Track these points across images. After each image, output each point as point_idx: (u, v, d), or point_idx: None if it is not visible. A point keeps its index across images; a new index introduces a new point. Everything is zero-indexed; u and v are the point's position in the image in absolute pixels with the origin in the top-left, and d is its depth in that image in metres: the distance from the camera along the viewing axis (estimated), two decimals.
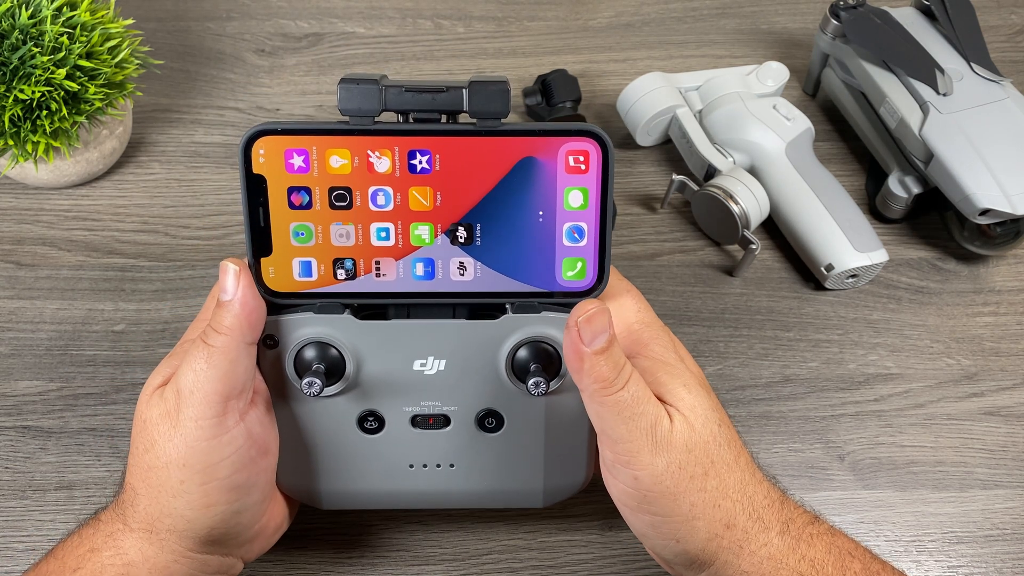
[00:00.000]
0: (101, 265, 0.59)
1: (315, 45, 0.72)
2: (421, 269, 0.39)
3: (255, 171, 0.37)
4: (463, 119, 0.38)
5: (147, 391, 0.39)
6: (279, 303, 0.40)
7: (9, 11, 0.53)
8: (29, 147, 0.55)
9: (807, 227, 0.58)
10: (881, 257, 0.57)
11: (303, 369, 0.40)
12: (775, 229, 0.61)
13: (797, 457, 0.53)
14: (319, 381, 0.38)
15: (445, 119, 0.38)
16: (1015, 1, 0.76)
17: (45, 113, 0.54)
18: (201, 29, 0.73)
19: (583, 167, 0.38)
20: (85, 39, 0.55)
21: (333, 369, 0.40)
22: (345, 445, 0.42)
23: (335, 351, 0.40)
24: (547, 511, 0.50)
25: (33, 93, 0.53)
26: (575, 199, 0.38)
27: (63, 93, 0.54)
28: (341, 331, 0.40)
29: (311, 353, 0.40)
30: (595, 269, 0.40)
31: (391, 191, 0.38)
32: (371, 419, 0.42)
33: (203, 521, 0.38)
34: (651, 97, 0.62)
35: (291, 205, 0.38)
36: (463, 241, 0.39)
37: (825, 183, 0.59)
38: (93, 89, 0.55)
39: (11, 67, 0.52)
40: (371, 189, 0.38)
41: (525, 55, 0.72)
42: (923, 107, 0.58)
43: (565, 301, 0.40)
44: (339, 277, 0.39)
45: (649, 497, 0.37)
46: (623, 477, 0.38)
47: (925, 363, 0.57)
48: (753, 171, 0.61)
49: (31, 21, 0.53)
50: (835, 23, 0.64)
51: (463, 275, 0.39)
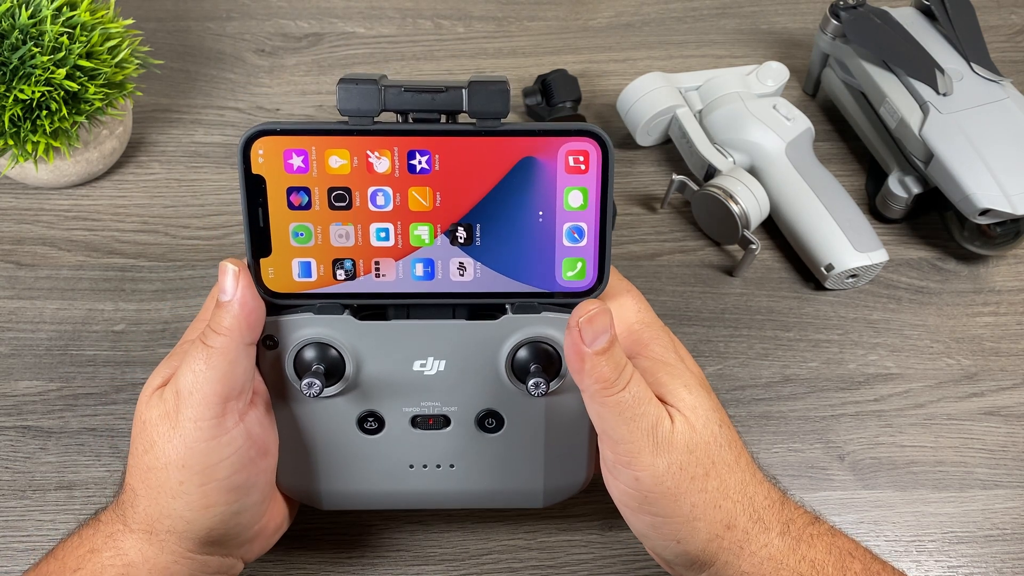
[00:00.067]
0: (101, 265, 0.59)
1: (315, 45, 0.72)
2: (421, 269, 0.39)
3: (254, 171, 0.37)
4: (463, 119, 0.38)
5: (146, 392, 0.39)
6: (278, 304, 0.39)
7: (9, 11, 0.53)
8: (29, 147, 0.55)
9: (807, 227, 0.58)
10: (881, 257, 0.57)
11: (303, 370, 0.40)
12: (775, 229, 0.61)
13: (797, 457, 0.53)
14: (319, 382, 0.38)
15: (445, 119, 0.38)
16: (1015, 1, 0.76)
17: (45, 113, 0.54)
18: (201, 29, 0.73)
19: (583, 167, 0.38)
20: (85, 39, 0.55)
21: (333, 370, 0.40)
22: (345, 446, 0.42)
23: (335, 352, 0.40)
24: (547, 511, 0.50)
25: (33, 93, 0.53)
26: (575, 199, 0.38)
27: (63, 93, 0.54)
28: (341, 332, 0.40)
29: (311, 354, 0.40)
30: (595, 269, 0.40)
31: (391, 191, 0.38)
32: (371, 420, 0.42)
33: (203, 522, 0.38)
34: (651, 97, 0.62)
35: (290, 205, 0.38)
36: (463, 241, 0.39)
37: (825, 183, 0.59)
38: (93, 89, 0.55)
39: (11, 67, 0.52)
40: (370, 189, 0.38)
41: (525, 55, 0.72)
42: (923, 107, 0.58)
43: (565, 301, 0.40)
44: (339, 277, 0.39)
45: (650, 498, 0.37)
46: (624, 478, 0.38)
47: (925, 363, 0.57)
48: (753, 171, 0.61)
49: (31, 21, 0.53)
50: (835, 23, 0.64)
51: (463, 275, 0.39)
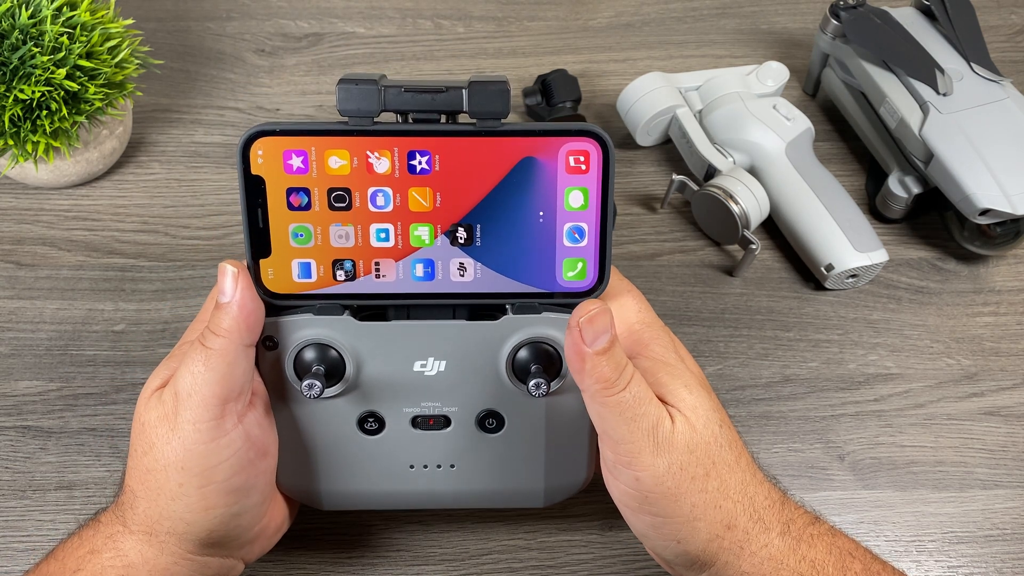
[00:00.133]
0: (101, 265, 0.59)
1: (315, 45, 0.72)
2: (421, 270, 0.39)
3: (254, 172, 0.37)
4: (463, 119, 0.38)
5: (145, 393, 0.39)
6: (278, 305, 0.39)
7: (9, 11, 0.53)
8: (29, 147, 0.55)
9: (807, 227, 0.58)
10: (881, 257, 0.57)
11: (303, 371, 0.40)
12: (775, 229, 0.61)
13: (797, 457, 0.53)
14: (319, 383, 0.38)
15: (445, 119, 0.38)
16: (1015, 1, 0.76)
17: (45, 113, 0.54)
18: (201, 29, 0.73)
19: (583, 167, 0.38)
20: (85, 39, 0.55)
21: (333, 370, 0.40)
22: (345, 446, 0.42)
23: (335, 352, 0.40)
24: (547, 511, 0.50)
25: (33, 93, 0.53)
26: (575, 199, 0.38)
27: (63, 93, 0.54)
28: (341, 332, 0.40)
29: (311, 355, 0.40)
30: (596, 269, 0.40)
31: (390, 192, 0.38)
32: (371, 420, 0.42)
33: (202, 524, 0.38)
34: (651, 97, 0.62)
35: (290, 206, 0.38)
36: (463, 242, 0.39)
37: (825, 183, 0.59)
38: (93, 89, 0.55)
39: (11, 67, 0.52)
40: (370, 190, 0.38)
41: (525, 55, 0.72)
42: (923, 107, 0.58)
43: (566, 302, 0.40)
44: (338, 278, 0.39)
45: (650, 498, 0.37)
46: (624, 478, 0.38)
47: (925, 363, 0.57)
48: (753, 171, 0.61)
49: (31, 21, 0.53)
50: (835, 23, 0.64)
51: (463, 276, 0.39)
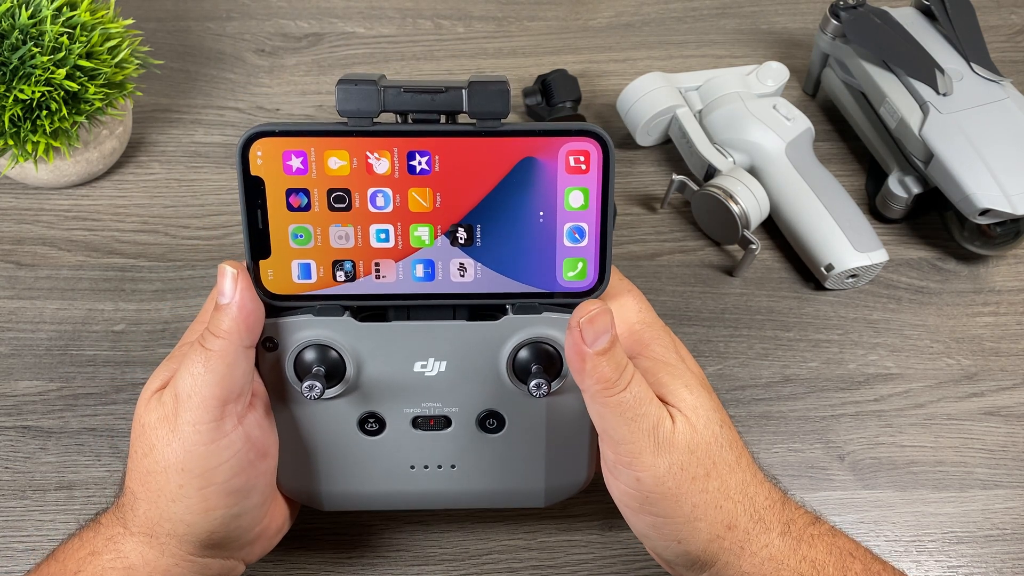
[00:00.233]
0: (101, 265, 0.59)
1: (315, 45, 0.72)
2: (421, 270, 0.39)
3: (253, 173, 0.37)
4: (463, 119, 0.38)
5: (145, 395, 0.39)
6: (278, 305, 0.39)
7: (9, 11, 0.53)
8: (29, 147, 0.55)
9: (807, 227, 0.58)
10: (881, 257, 0.57)
11: (303, 372, 0.40)
12: (775, 229, 0.61)
13: (797, 457, 0.53)
14: (319, 384, 0.38)
15: (444, 119, 0.38)
16: (1015, 1, 0.76)
17: (45, 113, 0.54)
18: (201, 29, 0.73)
19: (584, 167, 0.38)
20: (85, 39, 0.55)
21: (333, 371, 0.40)
22: (346, 447, 0.42)
23: (335, 353, 0.40)
24: (547, 511, 0.50)
25: (33, 93, 0.53)
26: (576, 199, 0.38)
27: (63, 93, 0.54)
28: (341, 333, 0.40)
29: (311, 355, 0.40)
30: (596, 269, 0.40)
31: (390, 192, 0.38)
32: (372, 421, 0.42)
33: (203, 525, 0.38)
34: (651, 97, 0.62)
35: (290, 207, 0.38)
36: (463, 242, 0.39)
37: (825, 183, 0.59)
38: (93, 89, 0.55)
39: (11, 67, 0.52)
40: (370, 190, 0.38)
41: (525, 55, 0.72)
42: (923, 107, 0.58)
43: (566, 302, 0.40)
44: (338, 279, 0.39)
45: (651, 498, 0.37)
46: (625, 478, 0.38)
47: (925, 363, 0.57)
48: (753, 171, 0.61)
49: (31, 21, 0.53)
50: (835, 23, 0.64)
51: (463, 276, 0.39)
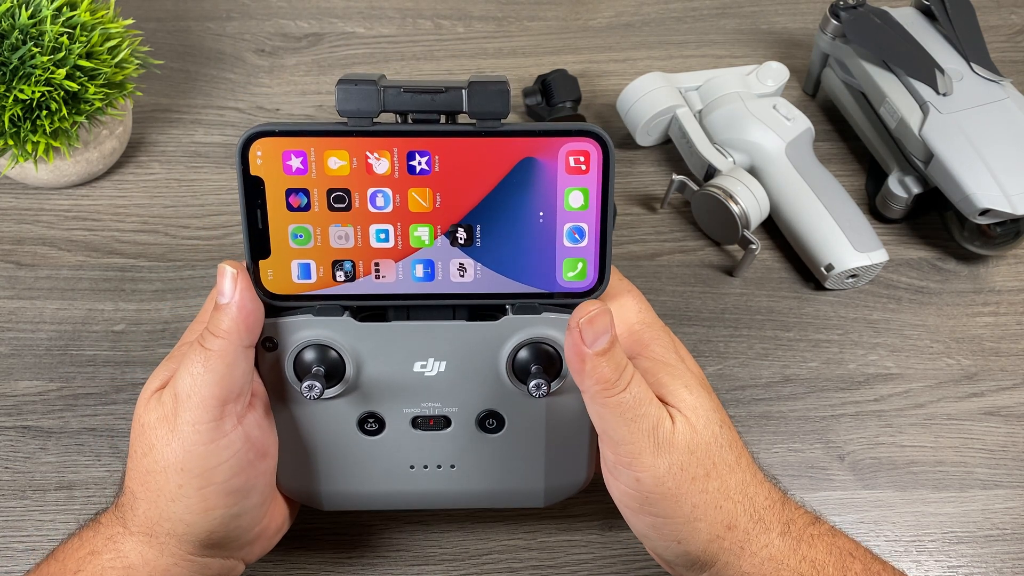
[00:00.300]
0: (101, 265, 0.59)
1: (315, 45, 0.72)
2: (421, 270, 0.39)
3: (253, 173, 0.37)
4: (462, 119, 0.38)
5: (145, 394, 0.39)
6: (278, 305, 0.39)
7: (9, 11, 0.53)
8: (29, 147, 0.55)
9: (807, 227, 0.58)
10: (881, 257, 0.57)
11: (303, 372, 0.40)
12: (775, 229, 0.61)
13: (797, 457, 0.53)
14: (319, 384, 0.38)
15: (444, 120, 0.38)
16: (1015, 1, 0.76)
17: (45, 113, 0.54)
18: (201, 29, 0.73)
19: (583, 167, 0.38)
20: (85, 39, 0.55)
21: (333, 371, 0.40)
22: (346, 447, 0.42)
23: (335, 353, 0.40)
24: (547, 511, 0.50)
25: (33, 93, 0.53)
26: (575, 199, 0.38)
27: (63, 93, 0.54)
28: (340, 333, 0.40)
29: (311, 355, 0.40)
30: (596, 270, 0.40)
31: (390, 192, 0.38)
32: (371, 421, 0.42)
33: (202, 525, 0.38)
34: (651, 97, 0.62)
35: (289, 207, 0.38)
36: (463, 242, 0.39)
37: (825, 183, 0.59)
38: (93, 89, 0.55)
39: (11, 67, 0.52)
40: (370, 191, 0.38)
41: (525, 55, 0.72)
42: (923, 107, 0.58)
43: (566, 302, 0.40)
44: (338, 279, 0.39)
45: (651, 499, 0.37)
46: (624, 478, 0.38)
47: (925, 363, 0.57)
48: (753, 171, 0.61)
49: (31, 21, 0.53)
50: (835, 23, 0.64)
51: (463, 276, 0.39)
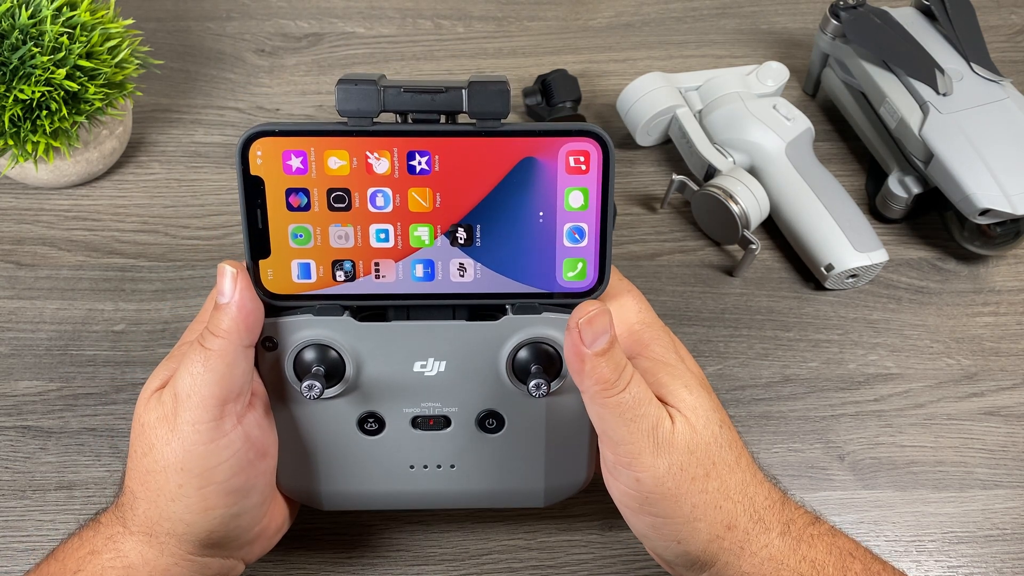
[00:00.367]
0: (101, 265, 0.59)
1: (315, 45, 0.72)
2: (421, 270, 0.39)
3: (253, 173, 0.37)
4: (462, 119, 0.38)
5: (145, 394, 0.39)
6: (278, 305, 0.39)
7: (9, 11, 0.53)
8: (29, 147, 0.55)
9: (807, 227, 0.58)
10: (881, 257, 0.57)
11: (303, 371, 0.40)
12: (775, 229, 0.61)
13: (797, 457, 0.53)
14: (319, 384, 0.38)
15: (444, 119, 0.38)
16: (1015, 1, 0.76)
17: (45, 113, 0.54)
18: (201, 29, 0.73)
19: (583, 167, 0.38)
20: (85, 39, 0.55)
21: (333, 371, 0.40)
22: (345, 447, 0.42)
23: (335, 353, 0.40)
24: (547, 511, 0.50)
25: (33, 93, 0.53)
26: (575, 199, 0.38)
27: (63, 93, 0.54)
28: (340, 333, 0.40)
29: (310, 355, 0.40)
30: (596, 270, 0.40)
31: (390, 192, 0.38)
32: (371, 420, 0.42)
33: (202, 525, 0.38)
34: (651, 97, 0.62)
35: (289, 207, 0.38)
36: (463, 242, 0.39)
37: (825, 183, 0.59)
38: (93, 89, 0.55)
39: (11, 67, 0.52)
40: (370, 190, 0.38)
41: (525, 55, 0.72)
42: (923, 107, 0.58)
43: (566, 302, 0.40)
44: (338, 279, 0.39)
45: (651, 499, 0.37)
46: (624, 478, 0.38)
47: (925, 363, 0.57)
48: (753, 171, 0.61)
49: (31, 21, 0.53)
50: (835, 23, 0.64)
51: (463, 276, 0.39)
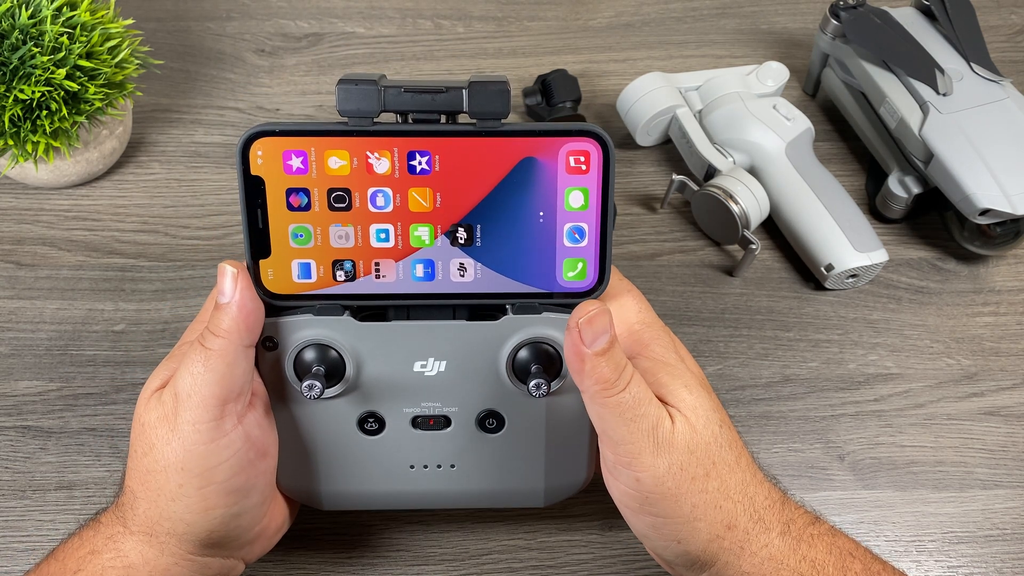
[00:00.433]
0: (101, 265, 0.59)
1: (315, 45, 0.72)
2: (421, 270, 0.39)
3: (253, 173, 0.37)
4: (463, 119, 0.38)
5: (145, 394, 0.39)
6: (278, 305, 0.39)
7: (9, 11, 0.53)
8: (29, 147, 0.55)
9: (807, 227, 0.58)
10: (881, 257, 0.57)
11: (303, 371, 0.40)
12: (775, 229, 0.61)
13: (797, 457, 0.53)
14: (319, 384, 0.38)
15: (445, 119, 0.38)
16: (1015, 1, 0.76)
17: (45, 113, 0.54)
18: (201, 29, 0.73)
19: (584, 167, 0.38)
20: (85, 39, 0.55)
21: (333, 371, 0.40)
22: (346, 446, 0.42)
23: (335, 353, 0.40)
24: (547, 511, 0.50)
25: (33, 93, 0.53)
26: (576, 199, 0.38)
27: (63, 93, 0.54)
28: (341, 333, 0.40)
29: (311, 355, 0.40)
30: (596, 270, 0.40)
31: (390, 192, 0.38)
32: (371, 420, 0.42)
33: (202, 524, 0.38)
34: (651, 97, 0.62)
35: (290, 207, 0.38)
36: (463, 242, 0.39)
37: (825, 183, 0.59)
38: (93, 89, 0.55)
39: (11, 67, 0.52)
40: (370, 190, 0.38)
41: (525, 55, 0.72)
42: (923, 107, 0.58)
43: (566, 302, 0.40)
44: (338, 279, 0.39)
45: (651, 499, 0.37)
46: (624, 478, 0.38)
47: (925, 363, 0.57)
48: (753, 171, 0.61)
49: (31, 21, 0.53)
50: (835, 23, 0.64)
51: (463, 276, 0.39)
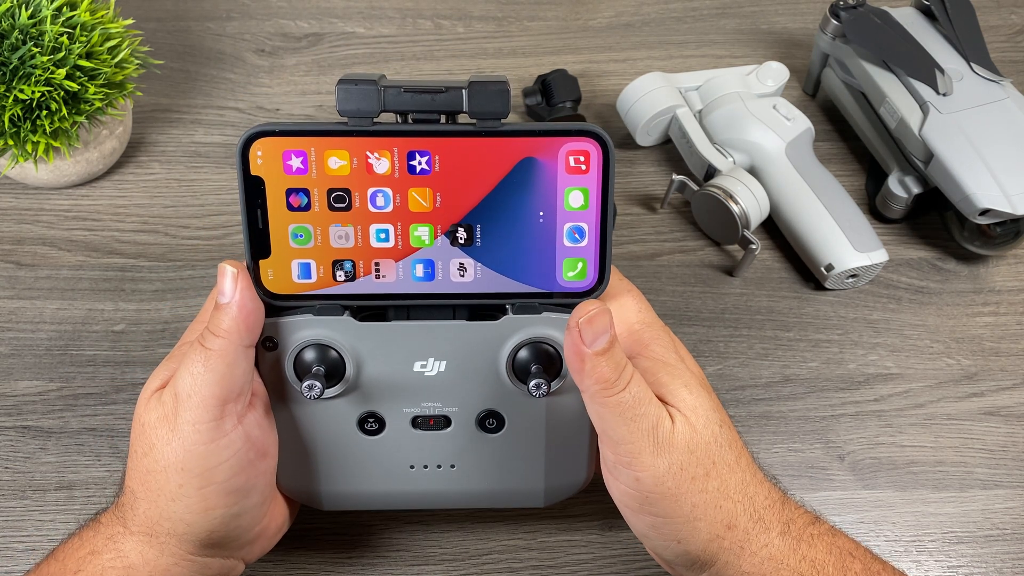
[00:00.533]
0: (101, 265, 0.59)
1: (315, 45, 0.72)
2: (421, 270, 0.39)
3: (253, 173, 0.37)
4: (463, 119, 0.38)
5: (145, 394, 0.39)
6: (278, 305, 0.39)
7: (9, 11, 0.53)
8: (29, 147, 0.55)
9: (807, 227, 0.58)
10: (881, 257, 0.57)
11: (303, 371, 0.40)
12: (775, 229, 0.61)
13: (797, 457, 0.53)
14: (319, 384, 0.38)
15: (444, 119, 0.38)
16: (1015, 1, 0.76)
17: (45, 113, 0.54)
18: (201, 29, 0.73)
19: (584, 167, 0.38)
20: (85, 39, 0.55)
21: (333, 371, 0.40)
22: (346, 446, 0.42)
23: (335, 353, 0.40)
24: (547, 511, 0.50)
25: (33, 93, 0.53)
26: (576, 199, 0.38)
27: (63, 93, 0.54)
28: (341, 333, 0.40)
29: (311, 355, 0.40)
30: (596, 269, 0.40)
31: (390, 192, 0.38)
32: (371, 420, 0.42)
33: (202, 524, 0.38)
34: (651, 97, 0.62)
35: (290, 207, 0.38)
36: (463, 242, 0.39)
37: (825, 183, 0.59)
38: (93, 89, 0.55)
39: (11, 67, 0.52)
40: (370, 190, 0.38)
41: (525, 55, 0.72)
42: (923, 107, 0.58)
43: (566, 302, 0.40)
44: (338, 279, 0.39)
45: (650, 498, 0.37)
46: (624, 478, 0.38)
47: (925, 363, 0.57)
48: (753, 171, 0.61)
49: (31, 21, 0.53)
50: (835, 23, 0.64)
51: (463, 276, 0.39)
